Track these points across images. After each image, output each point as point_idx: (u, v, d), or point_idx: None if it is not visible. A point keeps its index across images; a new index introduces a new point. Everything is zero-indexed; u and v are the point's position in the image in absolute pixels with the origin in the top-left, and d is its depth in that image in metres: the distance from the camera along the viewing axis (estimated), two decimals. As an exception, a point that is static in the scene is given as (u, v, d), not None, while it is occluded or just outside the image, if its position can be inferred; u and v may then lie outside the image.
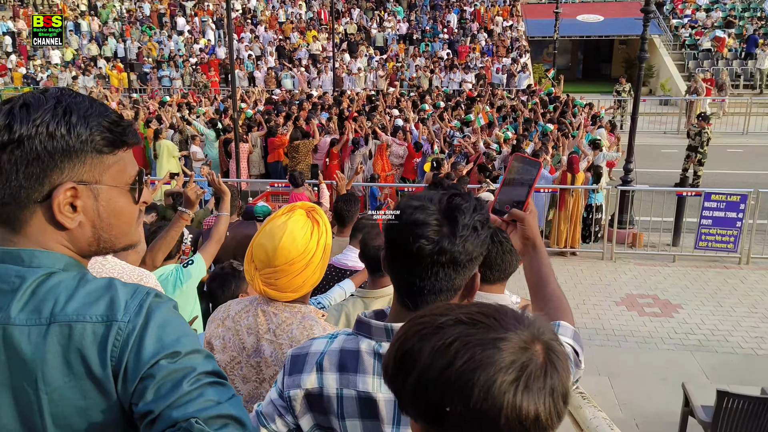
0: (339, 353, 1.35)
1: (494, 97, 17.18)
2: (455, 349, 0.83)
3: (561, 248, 9.67)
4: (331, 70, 21.98)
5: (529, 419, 0.81)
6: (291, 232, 1.90)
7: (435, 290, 1.26)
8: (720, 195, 9.04)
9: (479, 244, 1.26)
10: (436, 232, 1.22)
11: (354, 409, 1.31)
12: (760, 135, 18.51)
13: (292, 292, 1.96)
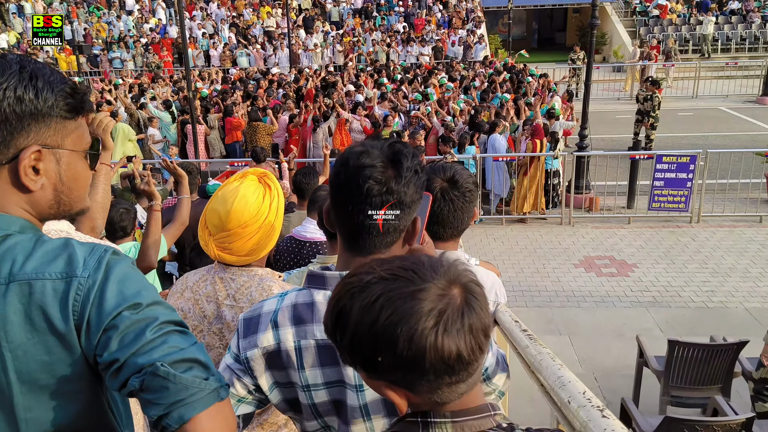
0: (293, 308, 1.39)
1: (452, 70, 17.23)
2: (380, 305, 0.91)
3: (523, 215, 9.86)
4: (287, 47, 21.68)
5: (452, 358, 0.90)
6: (243, 196, 1.94)
7: (383, 231, 1.31)
8: (671, 157, 9.33)
9: (419, 187, 1.33)
10: (382, 173, 1.28)
11: (314, 358, 1.35)
12: (708, 98, 19.05)
13: (247, 255, 2.00)
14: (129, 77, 19.33)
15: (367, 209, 1.29)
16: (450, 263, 0.96)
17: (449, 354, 0.90)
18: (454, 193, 1.98)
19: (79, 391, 1.12)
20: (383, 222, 1.30)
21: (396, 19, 24.76)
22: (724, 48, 23.38)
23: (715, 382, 4.45)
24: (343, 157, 1.32)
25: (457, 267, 0.96)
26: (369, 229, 1.31)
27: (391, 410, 1.34)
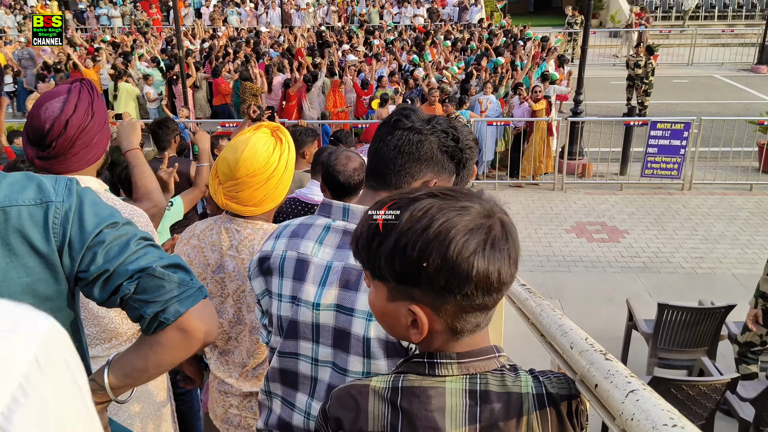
0: (297, 225, 1.51)
1: (449, 33, 17.00)
2: (432, 214, 0.95)
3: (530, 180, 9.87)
4: (278, 6, 21.29)
5: (494, 274, 0.94)
6: (253, 146, 1.95)
7: (397, 166, 1.41)
8: (665, 123, 9.32)
9: (445, 146, 1.42)
10: (416, 120, 1.42)
11: (291, 269, 1.45)
12: (703, 66, 18.96)
13: (254, 206, 2.01)
14: (120, 35, 18.93)
15: (390, 138, 1.42)
16: (489, 195, 1.03)
17: (493, 270, 0.94)
18: None
19: (58, 310, 1.18)
20: (399, 157, 1.41)
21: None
22: (720, 15, 23.20)
23: (702, 345, 4.54)
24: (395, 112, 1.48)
25: (495, 199, 1.02)
26: (387, 161, 1.42)
27: (338, 341, 1.39)
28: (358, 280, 1.36)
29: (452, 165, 1.45)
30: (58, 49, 14.24)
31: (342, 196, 2.60)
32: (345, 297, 1.37)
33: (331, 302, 1.38)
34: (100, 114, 1.91)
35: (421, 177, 1.41)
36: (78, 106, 1.85)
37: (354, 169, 2.62)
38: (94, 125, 1.89)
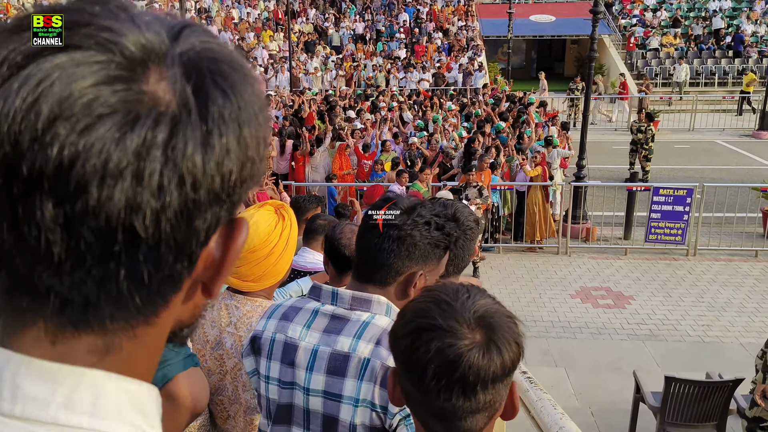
0: (288, 308, 1.55)
1: (455, 98, 17.37)
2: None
3: (537, 242, 9.86)
4: (287, 70, 21.86)
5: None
6: (255, 222, 1.98)
7: (376, 263, 1.44)
8: (667, 189, 9.38)
9: (427, 238, 1.44)
10: (397, 213, 1.44)
11: (279, 352, 1.48)
12: (704, 131, 19.22)
13: (253, 281, 2.02)
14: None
15: (371, 236, 1.45)
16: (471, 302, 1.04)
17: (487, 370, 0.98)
18: (455, 231, 1.99)
19: None
20: (379, 254, 1.43)
21: (397, 45, 25.03)
22: (720, 82, 23.66)
23: (711, 419, 4.43)
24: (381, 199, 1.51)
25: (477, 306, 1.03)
26: (368, 261, 1.45)
27: (327, 428, 1.42)
28: (345, 366, 1.38)
29: (439, 251, 1.48)
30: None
31: (347, 270, 2.61)
32: (332, 383, 1.39)
33: (319, 388, 1.40)
34: None
35: (406, 271, 1.44)
36: None
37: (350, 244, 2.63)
38: None
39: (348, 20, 26.96)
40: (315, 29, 26.71)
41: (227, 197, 0.49)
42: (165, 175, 0.44)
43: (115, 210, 0.43)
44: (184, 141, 0.45)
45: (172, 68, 0.46)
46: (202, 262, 0.52)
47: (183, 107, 0.46)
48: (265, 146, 0.53)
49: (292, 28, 24.40)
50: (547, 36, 27.69)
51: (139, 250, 0.45)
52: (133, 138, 0.43)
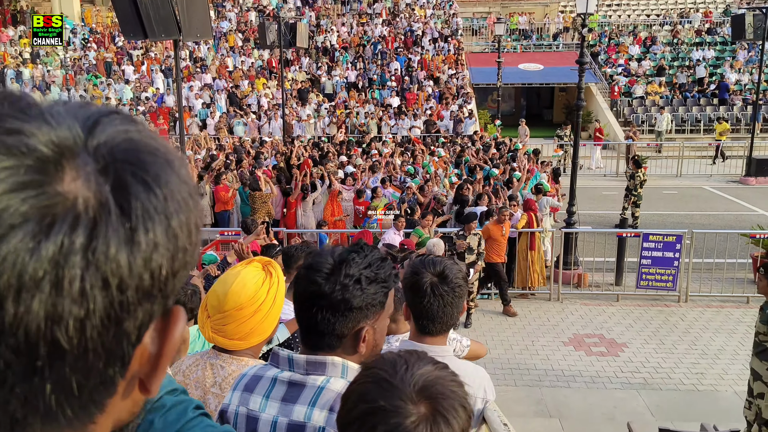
0: (250, 378, 1.56)
1: (446, 144, 17.58)
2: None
3: (529, 289, 9.84)
4: (280, 117, 22.12)
5: None
6: (242, 279, 1.98)
7: (317, 331, 1.45)
8: (657, 236, 9.44)
9: (361, 297, 1.43)
10: (323, 277, 1.42)
11: (243, 426, 1.50)
12: (692, 177, 19.48)
13: (240, 339, 2.00)
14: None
15: (304, 309, 1.45)
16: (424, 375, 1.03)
17: None
18: (443, 288, 2.00)
19: None
20: (316, 324, 1.43)
21: (389, 93, 25.45)
22: (707, 129, 24.10)
23: (708, 472, 4.36)
24: (306, 264, 1.49)
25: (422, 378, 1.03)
26: (307, 330, 1.46)
27: None
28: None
29: (381, 299, 1.46)
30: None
31: None
32: None
33: None
34: None
35: (349, 332, 1.44)
36: None
37: None
38: None
39: (341, 69, 27.45)
40: (308, 77, 27.16)
41: (159, 292, 0.47)
42: (87, 280, 0.42)
43: (34, 324, 0.40)
44: (105, 242, 0.43)
45: (88, 165, 0.44)
46: (137, 360, 0.49)
47: (102, 206, 0.43)
48: (198, 231, 0.51)
49: (286, 76, 24.79)
50: (535, 84, 28.25)
51: (65, 362, 0.43)
52: (48, 246, 0.41)
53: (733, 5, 31.12)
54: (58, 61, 28.36)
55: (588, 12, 10.50)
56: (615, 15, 32.50)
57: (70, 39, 28.98)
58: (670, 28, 30.49)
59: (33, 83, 26.60)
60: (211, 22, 9.59)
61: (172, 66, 25.30)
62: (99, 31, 31.40)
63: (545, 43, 30.79)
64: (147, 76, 27.25)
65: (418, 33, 29.81)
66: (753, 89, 23.67)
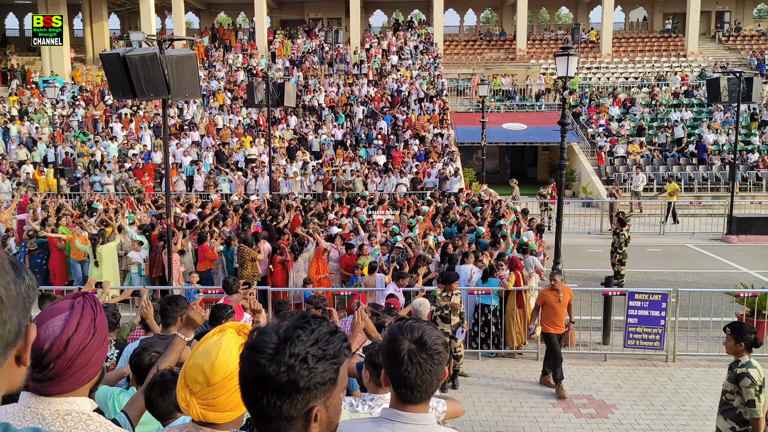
0: None
1: (431, 203, 17.69)
2: None
3: (510, 349, 9.74)
4: (267, 174, 22.24)
5: None
6: (227, 348, 1.92)
7: (264, 416, 1.36)
8: (642, 294, 9.45)
9: (309, 377, 1.34)
10: (267, 357, 1.34)
11: None
12: (675, 235, 19.69)
13: (231, 410, 1.93)
14: (103, 199, 19.41)
15: (248, 393, 1.38)
16: None
17: None
18: (421, 356, 1.93)
19: None
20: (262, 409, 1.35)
21: (375, 151, 25.77)
22: (687, 188, 24.55)
23: None
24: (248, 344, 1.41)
25: None
26: (254, 415, 1.39)
27: None
28: None
29: (332, 376, 1.38)
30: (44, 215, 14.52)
31: None
32: None
33: None
34: (102, 331, 1.85)
35: (300, 411, 1.36)
36: (80, 324, 1.78)
37: None
38: (94, 343, 1.81)
39: (328, 127, 27.85)
40: (296, 136, 27.49)
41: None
42: None
43: None
44: None
45: None
46: None
47: None
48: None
49: (273, 134, 25.08)
50: (519, 143, 28.77)
51: None
52: None
53: (708, 69, 32.28)
54: (46, 118, 28.53)
55: (569, 75, 10.80)
56: (595, 77, 33.52)
57: (58, 97, 29.26)
58: (648, 90, 31.46)
59: (20, 139, 26.67)
60: (199, 82, 9.73)
61: (160, 124, 25.54)
62: (88, 90, 31.75)
63: (528, 103, 31.57)
64: (135, 134, 27.44)
65: (405, 93, 30.48)
66: (731, 149, 24.31)
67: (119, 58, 8.75)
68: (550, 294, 8.54)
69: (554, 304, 8.45)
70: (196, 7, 40.57)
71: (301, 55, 34.82)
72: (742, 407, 5.10)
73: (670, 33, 38.44)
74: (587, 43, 36.50)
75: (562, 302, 8.48)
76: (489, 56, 36.80)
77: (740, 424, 5.15)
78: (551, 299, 8.49)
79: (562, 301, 8.49)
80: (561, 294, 8.48)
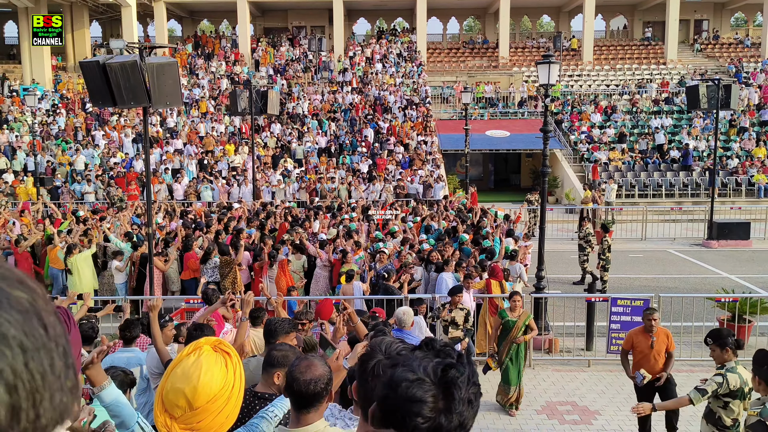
0: None
1: (415, 210, 17.70)
2: None
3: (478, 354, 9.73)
4: (251, 182, 22.12)
5: None
6: (208, 370, 1.85)
7: None
8: (625, 300, 9.50)
9: (471, 416, 1.28)
10: (432, 409, 1.23)
11: None
12: (656, 241, 19.87)
13: (218, 431, 1.88)
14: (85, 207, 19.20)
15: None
16: None
17: None
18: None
19: None
20: None
21: (359, 158, 25.76)
22: (668, 193, 24.82)
23: None
24: (393, 381, 1.26)
25: None
26: None
27: None
28: None
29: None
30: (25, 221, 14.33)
31: (299, 406, 2.45)
32: None
33: None
34: (75, 345, 1.75)
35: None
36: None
37: (312, 378, 2.44)
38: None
39: (311, 134, 27.81)
40: (278, 143, 27.41)
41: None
42: None
43: None
44: None
45: None
46: None
47: None
48: None
49: (257, 142, 24.98)
50: (502, 150, 28.93)
51: None
52: None
53: (687, 76, 32.73)
54: (26, 126, 28.19)
55: (550, 83, 10.88)
56: (576, 85, 33.84)
57: (38, 105, 28.93)
58: (629, 97, 31.81)
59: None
60: (181, 89, 9.66)
61: (141, 131, 25.33)
62: (69, 97, 31.44)
63: (511, 110, 31.79)
64: (117, 142, 27.20)
65: (388, 101, 30.54)
66: (710, 155, 24.63)
67: (99, 65, 8.67)
68: (640, 336, 6.81)
69: (644, 350, 6.69)
70: (178, 14, 40.37)
71: (284, 63, 34.78)
72: (721, 410, 5.16)
73: (649, 41, 38.94)
74: (569, 51, 36.86)
75: (655, 349, 6.67)
76: (472, 64, 37.03)
77: (721, 429, 5.19)
78: (641, 344, 6.75)
79: (655, 348, 6.66)
80: (654, 338, 6.70)
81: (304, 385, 2.42)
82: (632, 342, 6.89)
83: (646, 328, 6.76)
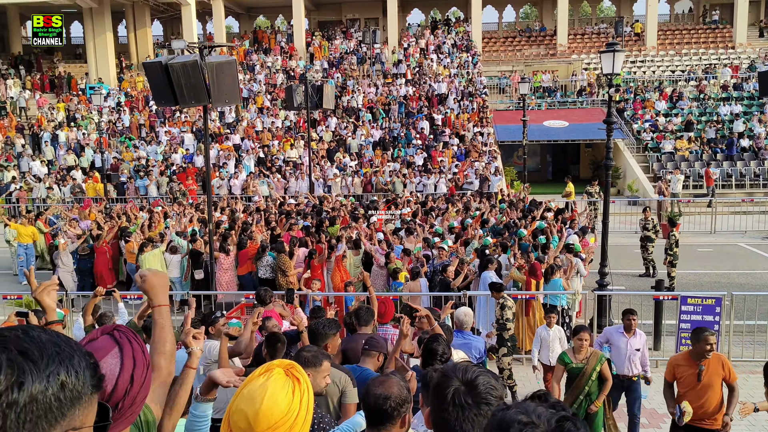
0: None
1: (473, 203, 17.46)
2: None
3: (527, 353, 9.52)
4: (307, 176, 22.32)
5: None
6: (272, 395, 1.79)
7: None
8: (695, 299, 9.09)
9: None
10: None
11: None
12: (726, 234, 18.98)
13: None
14: (154, 205, 19.80)
15: None
16: None
17: None
18: (467, 400, 1.74)
19: None
20: None
21: (414, 151, 25.61)
22: (738, 184, 23.68)
23: None
24: (504, 421, 1.23)
25: None
26: None
27: None
28: None
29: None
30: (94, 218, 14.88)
31: (370, 422, 2.39)
32: None
33: None
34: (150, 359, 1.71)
35: None
36: (135, 357, 1.62)
37: (383, 394, 2.37)
38: (149, 374, 1.65)
39: (365, 128, 27.82)
40: (335, 138, 27.56)
41: None
42: None
43: None
44: None
45: None
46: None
47: None
48: None
49: (312, 136, 25.18)
50: (561, 141, 28.22)
51: None
52: None
53: (758, 60, 31.11)
54: (93, 124, 29.28)
55: (614, 72, 10.47)
56: (639, 71, 32.67)
57: (103, 103, 29.99)
58: (695, 83, 30.48)
59: (68, 145, 27.45)
60: (239, 86, 9.78)
61: (202, 128, 25.93)
62: (133, 95, 32.48)
63: (569, 100, 30.96)
64: (178, 138, 27.95)
65: (443, 92, 30.23)
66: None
67: (161, 66, 8.86)
68: (683, 366, 5.43)
69: (691, 384, 5.29)
70: (235, 11, 41.11)
71: (339, 56, 34.92)
72: None
73: (717, 24, 37.18)
74: (631, 36, 35.60)
75: (703, 382, 5.22)
76: (529, 52, 36.26)
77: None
78: (685, 375, 5.35)
79: (705, 380, 5.19)
80: (703, 366, 5.21)
81: (374, 399, 2.35)
82: (674, 373, 5.56)
83: (696, 353, 5.17)
